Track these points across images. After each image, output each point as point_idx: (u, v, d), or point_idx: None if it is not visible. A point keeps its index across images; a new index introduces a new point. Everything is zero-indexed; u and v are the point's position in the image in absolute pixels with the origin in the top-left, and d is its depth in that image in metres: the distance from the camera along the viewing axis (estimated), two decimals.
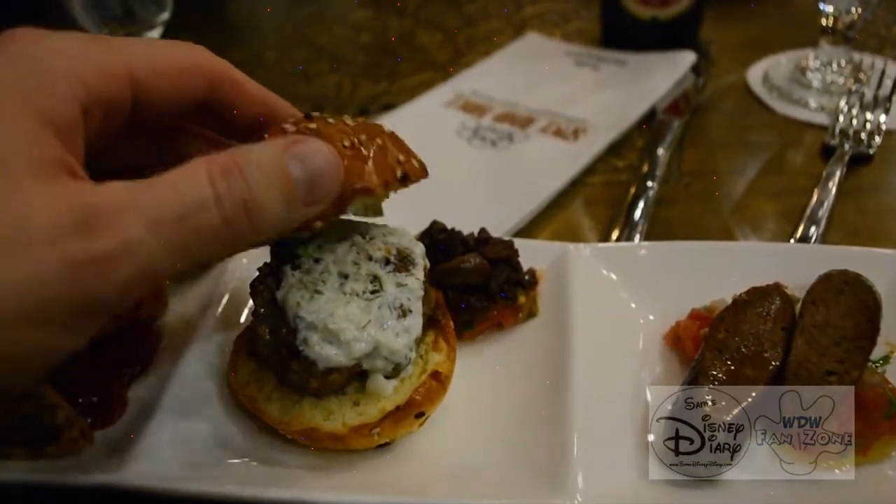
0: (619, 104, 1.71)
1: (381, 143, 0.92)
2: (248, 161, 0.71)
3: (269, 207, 0.71)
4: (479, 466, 0.94)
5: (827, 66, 1.79)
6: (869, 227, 1.39)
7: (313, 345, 0.90)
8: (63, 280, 0.61)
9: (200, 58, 0.84)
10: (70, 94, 0.70)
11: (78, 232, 0.61)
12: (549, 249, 1.20)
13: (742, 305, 1.03)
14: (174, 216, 0.65)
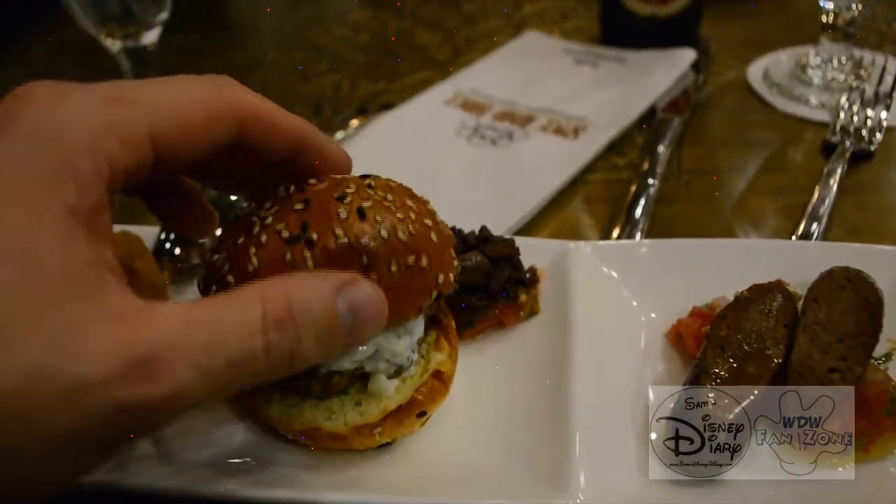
0: (619, 102, 1.71)
1: (428, 256, 0.90)
2: (303, 310, 0.70)
3: (312, 356, 0.72)
4: (480, 466, 0.94)
5: (827, 62, 1.78)
6: (870, 224, 1.39)
7: None
8: (111, 422, 0.60)
9: (228, 98, 0.78)
10: (96, 173, 0.65)
11: (129, 378, 0.59)
12: (549, 247, 1.19)
13: (744, 303, 1.03)
14: (224, 364, 0.64)
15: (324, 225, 0.86)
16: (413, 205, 0.93)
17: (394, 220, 0.89)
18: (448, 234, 0.97)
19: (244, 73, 2.00)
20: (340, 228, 0.85)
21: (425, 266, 0.90)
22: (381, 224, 0.87)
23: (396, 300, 0.87)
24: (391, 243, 0.87)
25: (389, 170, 1.03)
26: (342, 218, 0.86)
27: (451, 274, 0.95)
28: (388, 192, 0.93)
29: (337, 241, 0.85)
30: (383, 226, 0.87)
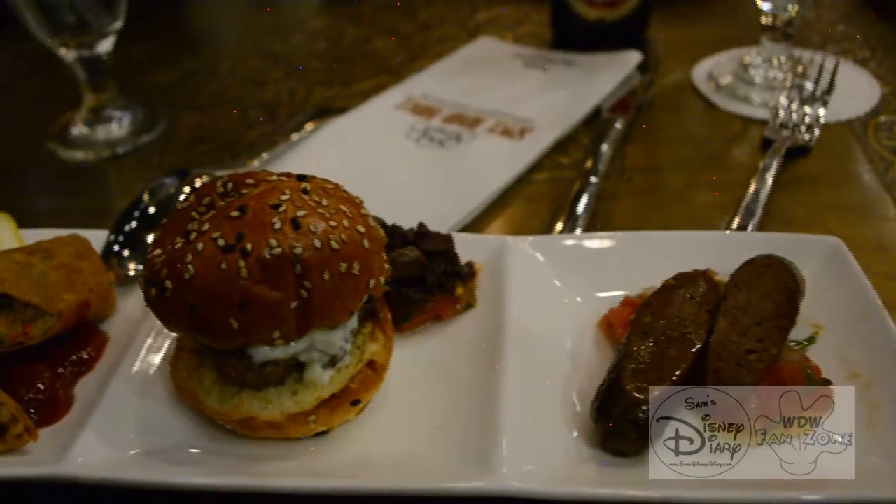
0: (565, 103, 1.75)
1: (360, 262, 0.94)
2: None
3: None
4: (412, 452, 0.97)
5: (768, 62, 1.83)
6: (804, 216, 1.43)
7: None
8: None
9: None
10: None
11: None
12: (488, 243, 1.23)
13: (669, 290, 1.07)
14: None
15: (258, 235, 0.90)
16: (347, 209, 0.97)
17: (327, 228, 0.92)
18: (379, 237, 1.01)
19: (200, 81, 2.03)
20: (274, 239, 0.89)
21: (357, 272, 0.94)
22: (314, 234, 0.91)
23: (329, 305, 0.92)
24: (324, 253, 0.91)
25: (340, 171, 1.06)
26: (276, 228, 0.90)
27: (381, 278, 0.99)
28: (323, 195, 0.96)
29: (271, 252, 0.89)
30: (317, 235, 0.91)
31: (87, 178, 1.70)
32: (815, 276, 1.14)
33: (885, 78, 1.86)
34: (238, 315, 0.89)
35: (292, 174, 1.00)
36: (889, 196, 1.46)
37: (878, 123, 1.69)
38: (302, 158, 1.59)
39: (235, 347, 0.94)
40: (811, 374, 0.98)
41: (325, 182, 1.00)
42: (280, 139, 1.65)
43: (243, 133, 1.78)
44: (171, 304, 0.92)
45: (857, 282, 1.11)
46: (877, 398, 0.98)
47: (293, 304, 0.90)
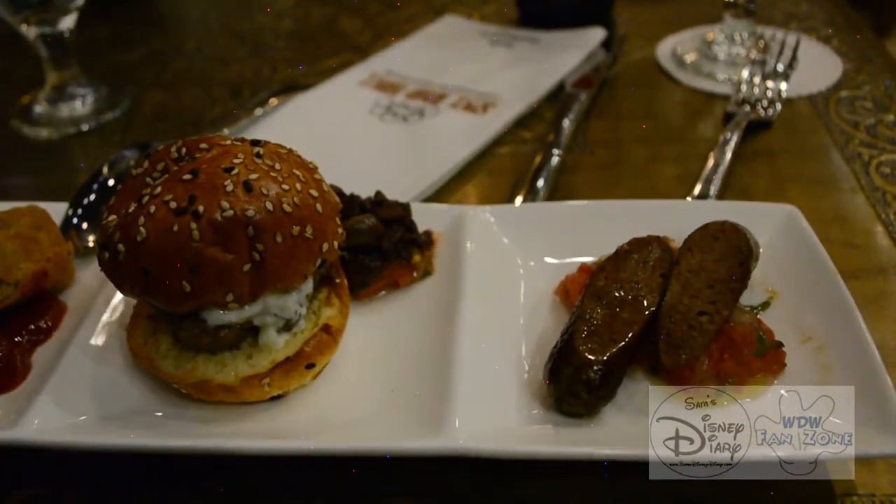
0: (529, 79, 1.75)
1: (313, 226, 0.95)
2: None
3: None
4: (368, 415, 0.98)
5: (731, 39, 1.84)
6: (762, 187, 1.44)
7: None
8: None
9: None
10: None
11: None
12: (448, 212, 1.24)
13: (623, 255, 1.08)
14: None
15: (210, 197, 0.90)
16: (300, 174, 0.97)
17: (280, 191, 0.93)
18: (334, 203, 1.01)
19: (165, 60, 2.02)
20: (226, 201, 0.89)
21: (310, 236, 0.94)
22: (267, 196, 0.91)
23: (282, 268, 0.93)
24: (276, 215, 0.91)
25: (304, 146, 1.07)
26: (228, 190, 0.90)
27: (335, 242, 0.99)
28: (276, 160, 0.96)
29: (223, 214, 0.89)
30: (269, 198, 0.91)
31: (50, 156, 1.69)
32: (772, 243, 1.15)
33: (847, 54, 1.87)
34: (190, 278, 0.89)
35: (246, 139, 1.00)
36: (849, 168, 1.48)
37: (840, 98, 1.70)
38: (264, 133, 1.57)
39: (189, 311, 0.93)
40: (763, 337, 0.99)
41: (279, 147, 1.01)
42: (243, 115, 1.64)
43: (207, 110, 1.77)
44: (125, 268, 0.92)
45: (812, 249, 1.12)
46: (828, 360, 0.99)
47: (246, 267, 0.90)
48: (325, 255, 0.97)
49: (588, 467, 0.89)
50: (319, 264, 0.97)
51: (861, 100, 1.69)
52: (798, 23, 2.03)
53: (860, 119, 1.62)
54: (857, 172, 1.46)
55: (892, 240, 1.29)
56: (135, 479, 0.96)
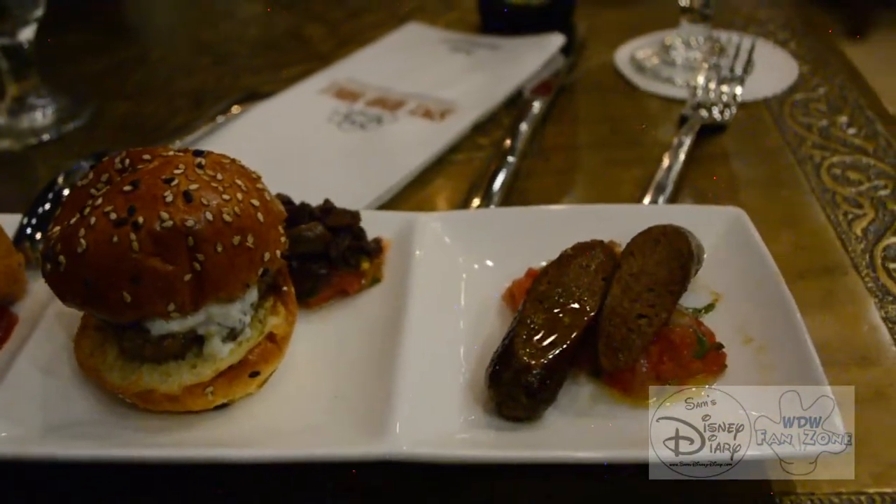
0: (487, 86, 1.77)
1: (254, 235, 0.95)
2: None
3: None
4: (313, 422, 0.99)
5: (687, 43, 1.86)
6: (715, 191, 1.46)
7: None
8: None
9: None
10: None
11: None
12: (398, 219, 1.25)
13: (566, 260, 1.09)
14: None
15: (150, 208, 0.90)
16: (242, 184, 0.98)
17: (220, 201, 0.93)
18: (277, 212, 1.02)
19: (129, 70, 2.03)
20: (166, 212, 0.90)
21: (251, 245, 0.95)
22: (207, 207, 0.92)
23: (223, 277, 0.93)
24: (216, 225, 0.92)
25: (261, 155, 1.08)
26: (168, 201, 0.91)
27: (277, 251, 1.00)
28: (218, 170, 0.97)
29: (162, 224, 0.90)
30: (209, 208, 0.92)
31: (11, 167, 1.69)
32: (717, 245, 1.17)
33: (804, 57, 1.89)
34: (131, 288, 0.89)
35: (189, 150, 1.01)
36: (801, 170, 1.49)
37: (794, 101, 1.72)
38: (223, 143, 1.60)
39: (131, 321, 0.94)
40: (702, 338, 1.00)
41: (222, 157, 1.01)
42: (203, 124, 1.65)
43: (169, 120, 1.78)
44: (66, 279, 0.92)
45: (756, 251, 1.13)
46: (769, 360, 1.00)
47: (186, 277, 0.91)
48: (267, 264, 0.98)
49: (531, 470, 0.91)
50: (262, 273, 0.98)
51: (815, 102, 1.72)
52: (757, 27, 2.05)
53: (813, 121, 1.64)
54: (809, 174, 1.48)
55: (841, 241, 1.30)
56: (78, 489, 0.96)
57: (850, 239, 1.31)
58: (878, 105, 1.70)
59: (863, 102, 1.70)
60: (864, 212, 1.37)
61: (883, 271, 1.24)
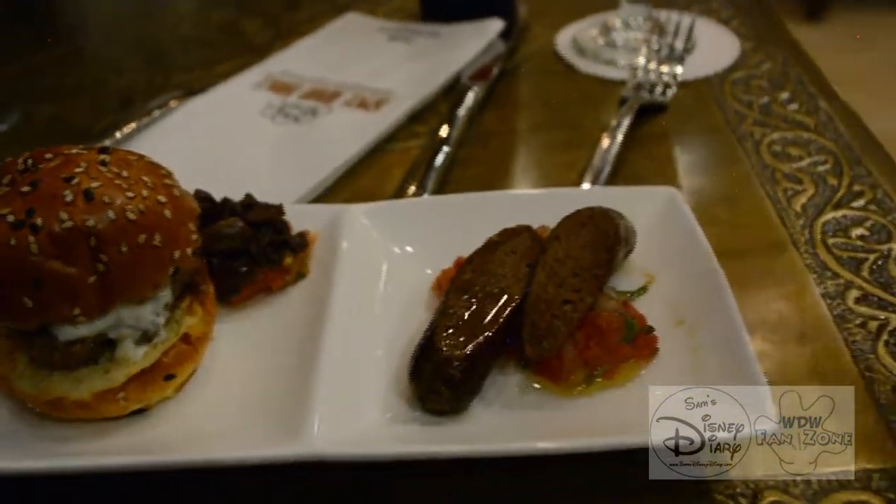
0: (424, 73, 1.73)
1: (161, 234, 0.92)
2: None
3: None
4: (233, 424, 0.95)
5: (627, 24, 1.83)
6: (654, 171, 1.43)
7: None
8: None
9: None
10: None
11: None
12: (324, 212, 1.21)
13: (492, 247, 1.06)
14: None
15: (49, 209, 0.86)
16: (149, 180, 0.94)
17: (124, 199, 0.89)
18: (188, 208, 0.98)
19: (59, 71, 1.98)
20: (65, 212, 0.86)
21: (158, 243, 0.91)
22: (109, 205, 0.88)
23: (130, 278, 0.89)
24: (120, 224, 0.88)
25: (192, 152, 1.04)
26: (68, 201, 0.87)
27: (188, 249, 0.96)
28: (123, 167, 0.93)
29: (62, 226, 0.85)
30: (111, 207, 0.88)
31: None
32: (651, 227, 1.14)
33: (747, 35, 1.87)
34: (32, 293, 0.86)
35: (94, 147, 0.97)
36: (741, 148, 1.47)
37: (736, 79, 1.70)
38: (153, 141, 1.56)
39: (36, 327, 0.90)
40: (631, 322, 0.98)
41: (128, 153, 0.98)
42: (133, 123, 1.61)
43: (98, 120, 1.73)
44: None
45: (689, 230, 1.11)
46: (699, 342, 0.98)
47: (90, 279, 0.87)
48: (177, 262, 0.94)
49: (453, 465, 0.88)
50: (173, 272, 0.94)
51: (757, 79, 1.70)
52: (701, 4, 2.03)
53: (754, 98, 1.62)
54: (748, 151, 1.45)
55: (780, 217, 1.28)
56: None
57: (789, 215, 1.28)
58: (820, 80, 1.68)
59: (805, 79, 1.68)
60: (804, 187, 1.34)
61: (822, 247, 1.21)
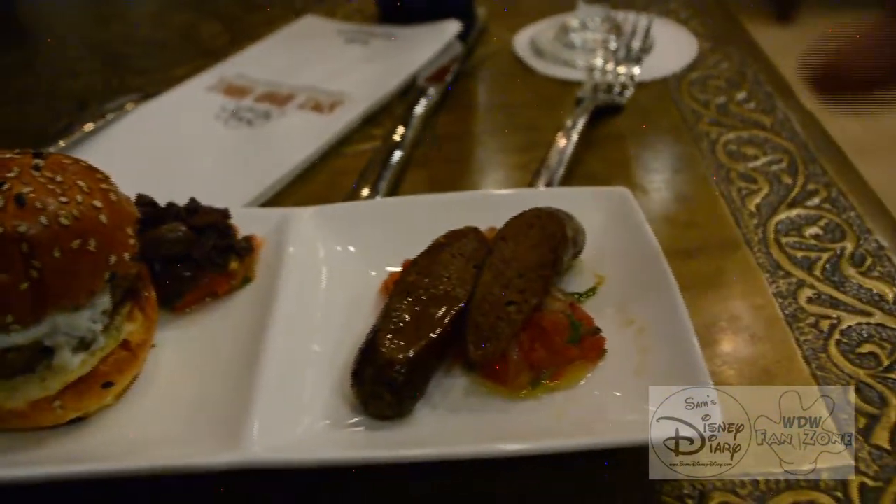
0: (380, 76, 1.72)
1: (96, 239, 0.90)
2: None
3: None
4: (171, 433, 0.93)
5: (585, 25, 1.83)
6: (609, 172, 1.43)
7: None
8: None
9: None
10: None
11: None
12: (272, 216, 1.20)
13: (437, 249, 1.05)
14: None
15: None
16: (84, 184, 0.92)
17: (57, 204, 0.88)
18: (126, 213, 0.96)
19: (16, 72, 1.95)
20: None
21: (93, 249, 0.89)
22: (42, 210, 0.86)
23: (64, 285, 0.87)
24: (53, 229, 0.86)
25: (145, 156, 1.03)
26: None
27: (126, 254, 0.94)
28: (58, 171, 0.92)
29: None
30: (44, 212, 0.86)
31: None
32: (603, 227, 1.13)
33: (705, 35, 1.87)
34: None
35: (29, 151, 0.95)
36: (697, 148, 1.47)
37: (693, 79, 1.70)
38: (105, 145, 1.54)
39: None
40: (577, 323, 0.97)
41: (64, 157, 0.96)
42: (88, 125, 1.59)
43: (51, 124, 1.70)
44: None
45: (640, 231, 1.10)
46: (647, 343, 0.97)
47: (23, 286, 0.85)
48: (114, 268, 0.92)
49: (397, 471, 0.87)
50: (110, 278, 0.92)
51: (714, 79, 1.70)
52: (659, 6, 2.02)
53: (711, 98, 1.62)
54: (704, 151, 1.45)
55: (735, 217, 1.28)
56: None
57: (743, 215, 1.28)
58: (777, 80, 1.68)
59: (762, 78, 1.68)
60: (759, 186, 1.34)
61: (775, 245, 1.21)
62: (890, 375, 0.99)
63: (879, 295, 1.11)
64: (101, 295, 0.94)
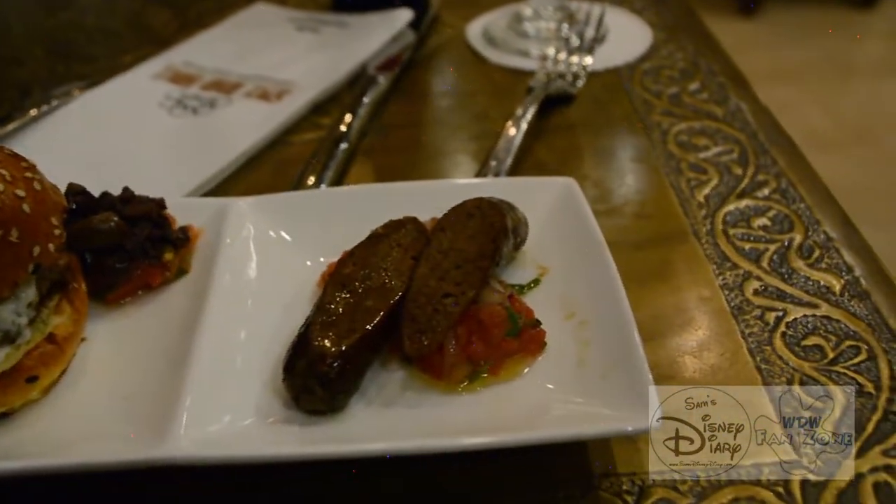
0: (329, 64, 1.69)
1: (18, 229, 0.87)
2: None
3: None
4: (98, 428, 0.91)
5: (539, 14, 1.81)
6: (556, 162, 1.41)
7: None
8: None
9: None
10: None
11: None
12: (210, 206, 1.17)
13: (375, 239, 1.03)
14: None
15: None
16: (7, 173, 0.89)
17: None
18: (51, 203, 0.94)
19: None
20: None
21: (15, 239, 0.87)
22: None
23: None
24: None
25: (85, 144, 1.00)
26: None
27: (50, 245, 0.91)
28: None
29: None
30: None
31: None
32: (547, 218, 1.12)
33: (659, 25, 1.86)
34: None
35: None
36: (648, 138, 1.46)
37: (646, 69, 1.69)
38: (46, 133, 1.50)
39: None
40: (515, 316, 0.94)
41: None
42: (31, 112, 1.55)
43: None
44: None
45: (585, 222, 1.08)
46: (588, 336, 0.95)
47: None
48: (37, 259, 0.89)
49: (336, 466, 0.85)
50: (34, 269, 0.90)
51: (668, 69, 1.68)
52: None
53: (663, 88, 1.61)
54: (655, 142, 1.44)
55: (683, 208, 1.27)
56: None
57: (691, 206, 1.27)
58: (731, 71, 1.67)
59: (716, 68, 1.67)
60: (709, 177, 1.33)
61: (723, 237, 1.20)
62: (834, 368, 0.98)
63: (826, 287, 1.10)
64: (26, 287, 0.91)
